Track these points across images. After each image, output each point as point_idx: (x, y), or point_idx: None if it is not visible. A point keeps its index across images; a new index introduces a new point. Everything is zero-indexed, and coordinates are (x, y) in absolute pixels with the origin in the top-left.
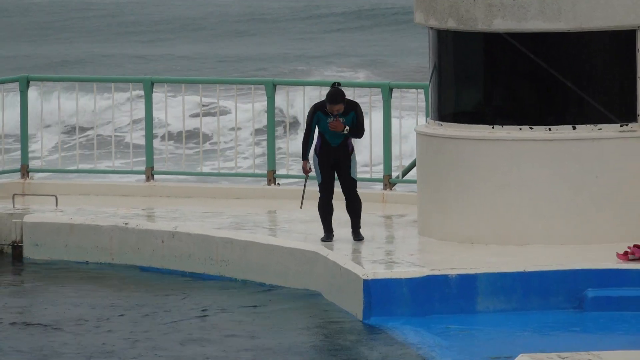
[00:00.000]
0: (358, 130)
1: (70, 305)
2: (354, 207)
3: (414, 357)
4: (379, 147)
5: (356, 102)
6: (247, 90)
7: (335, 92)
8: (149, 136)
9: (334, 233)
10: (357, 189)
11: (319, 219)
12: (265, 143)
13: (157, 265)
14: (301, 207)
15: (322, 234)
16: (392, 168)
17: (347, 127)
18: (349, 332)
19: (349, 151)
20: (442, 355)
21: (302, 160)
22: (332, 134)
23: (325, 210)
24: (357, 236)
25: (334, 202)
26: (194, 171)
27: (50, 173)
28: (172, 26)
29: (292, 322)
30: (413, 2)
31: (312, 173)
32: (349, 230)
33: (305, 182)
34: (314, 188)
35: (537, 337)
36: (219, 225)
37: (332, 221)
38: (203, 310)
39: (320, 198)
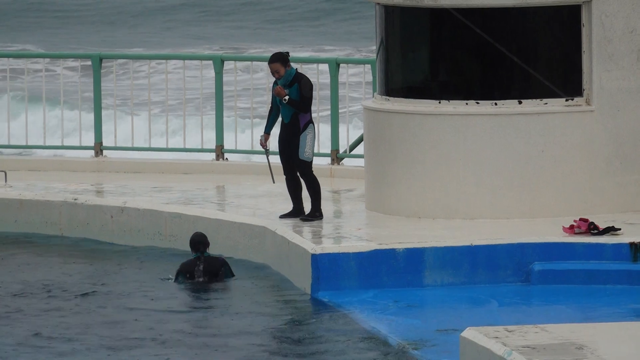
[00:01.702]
0: (299, 102)
1: (18, 279)
2: (308, 189)
3: (362, 330)
4: (327, 122)
5: (303, 75)
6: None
7: (275, 53)
8: (98, 112)
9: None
10: (310, 169)
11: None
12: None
13: (106, 241)
14: (273, 182)
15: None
16: (340, 143)
17: (287, 97)
18: (297, 306)
19: (299, 130)
20: (390, 328)
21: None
22: (284, 111)
23: (289, 188)
24: (305, 216)
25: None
26: (143, 146)
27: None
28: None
29: (240, 296)
30: None
31: (274, 148)
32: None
33: (267, 156)
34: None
35: (485, 310)
36: (168, 200)
37: (302, 198)
38: (150, 282)
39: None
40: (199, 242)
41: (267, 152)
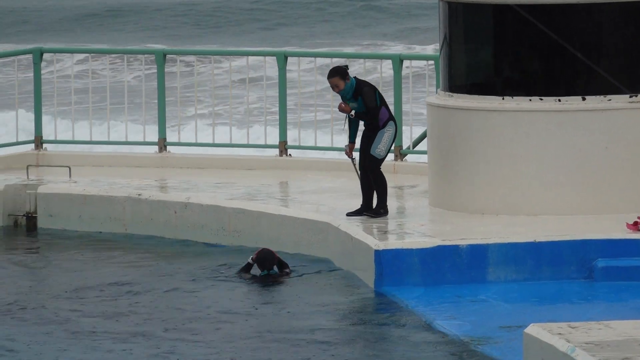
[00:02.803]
0: (366, 114)
1: (83, 275)
2: (374, 185)
3: (425, 326)
4: None
5: (364, 84)
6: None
7: (333, 67)
8: (162, 107)
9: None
10: (378, 166)
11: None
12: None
13: (170, 236)
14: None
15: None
16: (403, 139)
17: (353, 112)
18: (360, 302)
19: (378, 126)
20: (453, 325)
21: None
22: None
23: (362, 183)
24: (370, 211)
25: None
26: (207, 142)
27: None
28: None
29: (303, 292)
30: None
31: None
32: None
33: (354, 166)
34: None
35: (548, 307)
36: (231, 195)
37: (372, 195)
38: (217, 277)
39: None
40: (267, 259)
41: (353, 162)
